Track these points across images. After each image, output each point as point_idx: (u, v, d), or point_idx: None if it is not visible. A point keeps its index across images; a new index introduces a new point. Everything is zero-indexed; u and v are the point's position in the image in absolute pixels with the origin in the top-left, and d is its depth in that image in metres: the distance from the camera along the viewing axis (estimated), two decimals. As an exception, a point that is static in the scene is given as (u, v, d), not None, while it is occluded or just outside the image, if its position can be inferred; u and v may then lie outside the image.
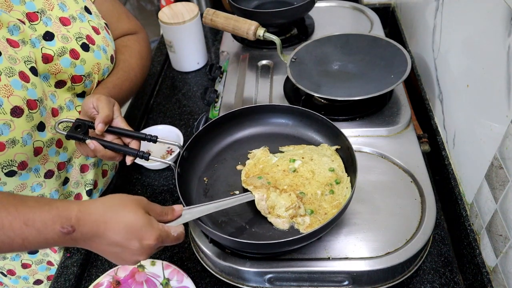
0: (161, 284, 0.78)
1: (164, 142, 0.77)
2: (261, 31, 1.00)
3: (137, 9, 4.13)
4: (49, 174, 0.81)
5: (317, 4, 1.23)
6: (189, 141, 0.82)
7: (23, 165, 0.75)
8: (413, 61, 1.14)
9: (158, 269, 0.80)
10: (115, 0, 0.97)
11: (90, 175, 0.90)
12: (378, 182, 0.83)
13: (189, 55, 1.29)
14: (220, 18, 1.04)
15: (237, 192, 0.80)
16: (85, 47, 0.81)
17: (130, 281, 0.79)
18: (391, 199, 0.79)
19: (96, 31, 0.85)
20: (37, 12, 0.78)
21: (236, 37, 1.27)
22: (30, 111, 0.72)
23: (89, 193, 0.91)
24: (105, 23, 0.90)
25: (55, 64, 0.77)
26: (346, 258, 0.72)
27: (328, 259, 0.72)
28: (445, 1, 0.90)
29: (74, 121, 0.75)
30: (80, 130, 0.74)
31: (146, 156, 0.74)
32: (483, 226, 0.73)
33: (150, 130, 1.04)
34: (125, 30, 0.98)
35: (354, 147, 0.88)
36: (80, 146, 0.76)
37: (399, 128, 0.92)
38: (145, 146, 0.94)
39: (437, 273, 0.77)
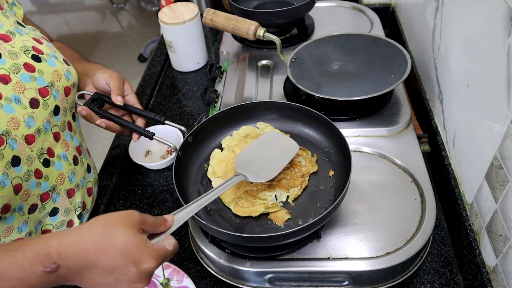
0: (161, 284, 0.78)
1: (170, 125, 0.84)
2: (261, 31, 1.00)
3: (137, 9, 4.13)
4: (32, 209, 0.75)
5: (317, 4, 1.23)
6: (195, 127, 0.83)
7: (6, 208, 0.69)
8: (413, 61, 1.14)
9: (158, 269, 0.80)
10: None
11: (78, 197, 0.84)
12: (378, 182, 0.83)
13: (189, 55, 1.29)
14: (220, 18, 1.04)
15: None
16: (36, 59, 0.76)
17: (130, 281, 0.79)
18: (391, 199, 0.80)
19: (38, 41, 0.80)
20: None
21: (236, 37, 1.27)
22: None
23: (80, 216, 0.85)
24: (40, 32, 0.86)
25: (16, 82, 0.71)
26: (346, 258, 0.72)
27: (328, 259, 0.72)
28: (445, 1, 0.90)
29: (92, 94, 0.83)
30: (96, 103, 0.82)
31: (150, 135, 0.82)
32: (483, 226, 0.73)
33: (150, 130, 1.04)
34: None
35: (354, 147, 0.89)
36: (91, 118, 0.83)
37: (399, 128, 0.92)
38: (147, 141, 0.96)
39: (437, 273, 0.77)
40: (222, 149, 0.88)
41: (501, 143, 0.66)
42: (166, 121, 0.85)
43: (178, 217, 0.61)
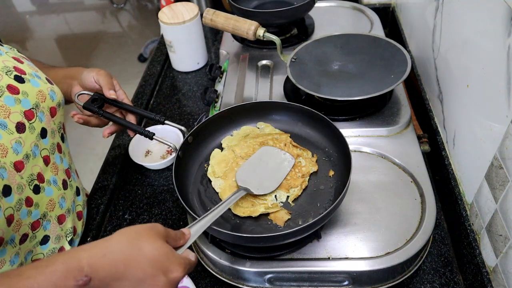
0: (161, 284, 0.78)
1: (170, 125, 0.85)
2: (261, 31, 1.00)
3: (137, 9, 4.13)
4: (23, 239, 0.71)
5: (317, 4, 1.23)
6: (195, 127, 0.84)
7: None
8: (413, 61, 1.14)
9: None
10: None
11: (68, 223, 0.81)
12: (378, 182, 0.83)
13: (189, 55, 1.29)
14: (220, 18, 1.04)
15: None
16: (19, 79, 0.72)
17: (130, 281, 0.79)
18: (391, 199, 0.80)
19: (18, 60, 0.75)
20: None
21: (236, 37, 1.27)
22: None
23: (71, 242, 0.82)
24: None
25: (1, 106, 0.67)
26: (346, 258, 0.72)
27: (328, 259, 0.72)
28: (445, 1, 0.90)
29: (92, 94, 0.86)
30: (96, 103, 0.84)
31: (150, 135, 0.83)
32: (483, 226, 0.73)
33: (150, 130, 1.04)
34: None
35: (354, 147, 0.89)
36: (88, 123, 0.86)
37: (399, 128, 0.92)
38: (147, 141, 0.98)
39: (437, 273, 0.77)
40: (222, 149, 0.88)
41: (501, 143, 0.66)
42: (166, 121, 0.85)
43: (194, 231, 0.62)
